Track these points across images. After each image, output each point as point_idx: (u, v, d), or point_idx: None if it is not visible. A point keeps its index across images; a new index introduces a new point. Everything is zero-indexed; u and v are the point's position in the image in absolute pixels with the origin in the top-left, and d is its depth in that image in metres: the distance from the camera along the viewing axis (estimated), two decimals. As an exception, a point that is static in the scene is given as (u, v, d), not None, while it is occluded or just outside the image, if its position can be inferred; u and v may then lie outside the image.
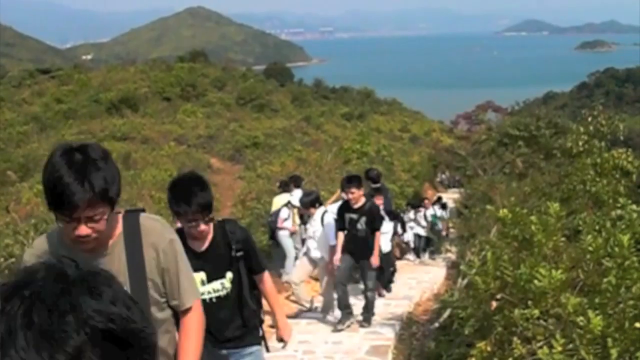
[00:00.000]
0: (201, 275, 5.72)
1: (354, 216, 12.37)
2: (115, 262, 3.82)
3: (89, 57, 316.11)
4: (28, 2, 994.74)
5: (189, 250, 5.01)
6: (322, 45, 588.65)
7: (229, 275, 5.93)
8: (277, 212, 17.79)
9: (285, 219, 17.62)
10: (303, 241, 16.04)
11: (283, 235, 17.76)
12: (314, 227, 13.70)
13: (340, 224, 12.57)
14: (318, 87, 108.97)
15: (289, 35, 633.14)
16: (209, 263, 5.80)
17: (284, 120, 65.44)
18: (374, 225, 12.49)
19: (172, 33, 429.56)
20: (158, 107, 63.81)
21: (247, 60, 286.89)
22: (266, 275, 6.28)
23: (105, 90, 66.24)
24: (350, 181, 12.39)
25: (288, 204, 17.72)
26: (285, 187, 18.94)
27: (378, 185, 16.86)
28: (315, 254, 13.57)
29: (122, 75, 77.93)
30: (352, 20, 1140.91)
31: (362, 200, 12.41)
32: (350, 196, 12.19)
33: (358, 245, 12.43)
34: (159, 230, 4.02)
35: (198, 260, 5.53)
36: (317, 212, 13.67)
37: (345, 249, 12.44)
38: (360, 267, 12.89)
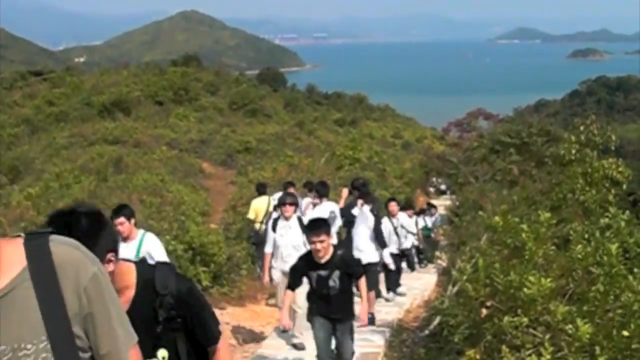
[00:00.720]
0: None
1: (323, 273, 9.15)
2: (18, 311, 2.58)
3: (82, 59, 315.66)
4: (21, 3, 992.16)
5: None
6: (315, 50, 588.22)
7: (161, 354, 4.03)
8: (269, 215, 17.67)
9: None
10: None
11: None
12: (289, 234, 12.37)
13: (295, 280, 9.49)
14: (311, 93, 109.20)
15: (282, 41, 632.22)
16: None
17: (277, 126, 65.40)
18: (355, 275, 9.36)
19: (166, 37, 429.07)
20: (150, 110, 63.67)
21: (241, 65, 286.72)
22: (221, 348, 4.34)
23: (98, 93, 66.07)
24: (319, 227, 9.11)
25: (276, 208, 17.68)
26: (262, 190, 18.95)
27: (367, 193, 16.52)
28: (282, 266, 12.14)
29: (115, 78, 77.81)
30: (346, 26, 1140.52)
31: (331, 250, 9.13)
32: (318, 246, 8.91)
33: (334, 307, 9.33)
34: (78, 261, 2.74)
35: None
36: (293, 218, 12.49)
37: (318, 313, 9.46)
38: (338, 332, 9.64)
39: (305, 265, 9.28)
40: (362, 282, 9.39)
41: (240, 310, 13.43)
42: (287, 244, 12.23)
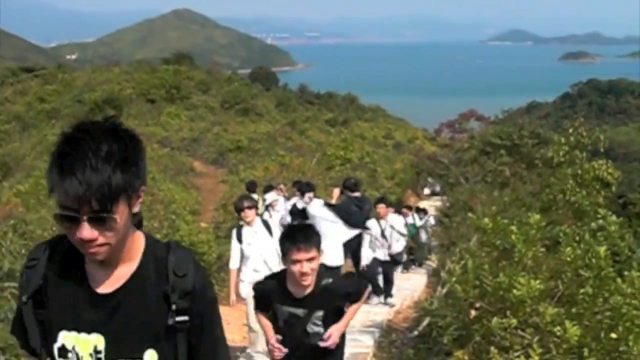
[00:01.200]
0: (92, 341, 2.76)
1: (299, 312, 5.94)
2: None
3: (74, 56, 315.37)
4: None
5: (85, 291, 2.79)
6: (308, 50, 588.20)
7: (148, 357, 2.81)
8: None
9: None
10: None
11: None
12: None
13: (260, 306, 6.19)
14: (303, 92, 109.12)
15: (275, 40, 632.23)
16: (114, 324, 2.78)
17: (268, 125, 65.37)
18: (343, 309, 6.16)
19: (158, 35, 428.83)
20: (142, 108, 63.56)
21: (233, 64, 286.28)
22: None
23: (89, 90, 65.94)
24: (308, 237, 5.72)
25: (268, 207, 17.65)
26: (252, 188, 18.91)
27: (357, 194, 15.90)
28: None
29: (107, 75, 77.67)
30: (339, 27, 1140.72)
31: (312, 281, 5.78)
32: (306, 268, 5.60)
33: (310, 356, 6.10)
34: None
35: (94, 311, 2.77)
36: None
37: None
38: None
39: (273, 292, 5.98)
40: (356, 306, 6.30)
41: (229, 309, 13.39)
42: (256, 253, 10.86)
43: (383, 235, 16.81)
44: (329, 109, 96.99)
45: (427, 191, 52.95)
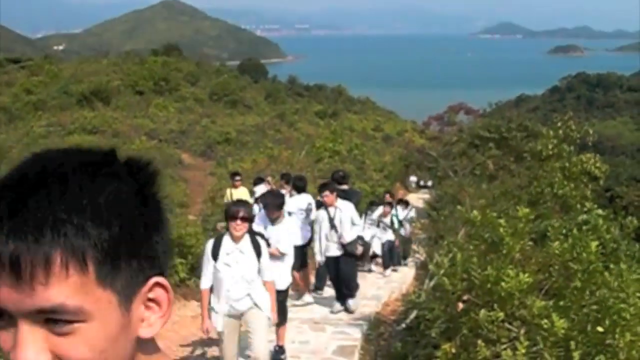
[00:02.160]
0: None
1: None
2: None
3: (61, 47, 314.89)
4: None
5: None
6: (297, 42, 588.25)
7: None
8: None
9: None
10: None
11: None
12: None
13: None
14: (292, 84, 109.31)
15: (264, 32, 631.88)
16: None
17: (257, 117, 65.39)
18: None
19: (146, 26, 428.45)
20: (130, 100, 63.46)
21: (222, 56, 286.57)
22: None
23: (77, 82, 65.80)
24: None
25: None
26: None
27: (345, 187, 15.15)
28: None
29: (94, 67, 77.64)
30: (329, 18, 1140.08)
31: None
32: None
33: None
34: None
35: None
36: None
37: None
38: None
39: None
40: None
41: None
42: (232, 279, 8.27)
43: (332, 225, 13.92)
44: (318, 101, 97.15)
45: (413, 178, 53.02)
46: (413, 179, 53.63)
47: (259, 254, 8.26)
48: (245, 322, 8.32)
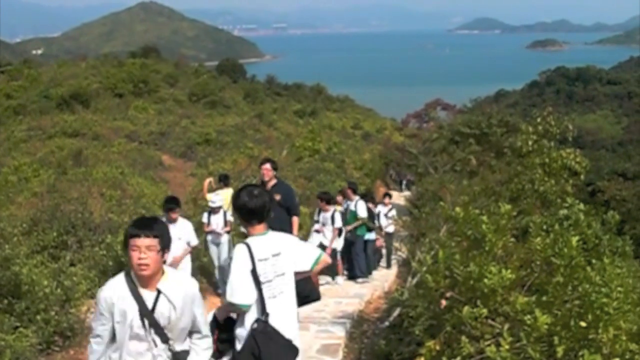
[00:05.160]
0: None
1: None
2: None
3: (39, 51, 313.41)
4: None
5: None
6: (275, 41, 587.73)
7: None
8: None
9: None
10: None
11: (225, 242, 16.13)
12: None
13: None
14: (270, 84, 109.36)
15: (242, 32, 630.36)
16: None
17: (236, 117, 65.39)
18: None
19: (124, 28, 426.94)
20: (109, 103, 63.38)
21: (200, 56, 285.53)
22: None
23: (56, 85, 65.68)
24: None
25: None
26: (226, 181, 18.61)
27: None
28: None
29: (73, 70, 77.48)
30: (305, 17, 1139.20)
31: None
32: None
33: None
34: None
35: None
36: None
37: None
38: None
39: None
40: None
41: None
42: None
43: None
44: (297, 100, 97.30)
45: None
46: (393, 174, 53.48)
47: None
48: None
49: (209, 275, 16.79)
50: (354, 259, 18.64)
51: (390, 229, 22.36)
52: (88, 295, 12.43)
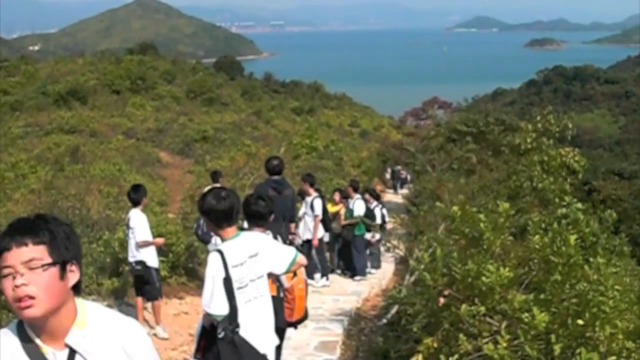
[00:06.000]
0: None
1: None
2: None
3: (36, 48, 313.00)
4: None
5: None
6: (272, 38, 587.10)
7: None
8: None
9: None
10: None
11: None
12: None
13: None
14: (268, 81, 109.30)
15: (239, 29, 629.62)
16: None
17: (234, 114, 65.38)
18: None
19: (121, 24, 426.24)
20: (107, 99, 63.34)
21: (197, 53, 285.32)
22: None
23: (53, 82, 65.60)
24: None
25: None
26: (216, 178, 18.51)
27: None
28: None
29: (70, 67, 77.40)
30: (303, 14, 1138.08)
31: None
32: None
33: None
34: None
35: None
36: None
37: None
38: None
39: None
40: None
41: (199, 299, 13.43)
42: None
43: None
44: (295, 97, 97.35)
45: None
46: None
47: None
48: None
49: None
50: (355, 258, 18.61)
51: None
52: (86, 292, 12.45)
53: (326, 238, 18.04)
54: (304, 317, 7.48)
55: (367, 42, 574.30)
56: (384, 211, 21.83)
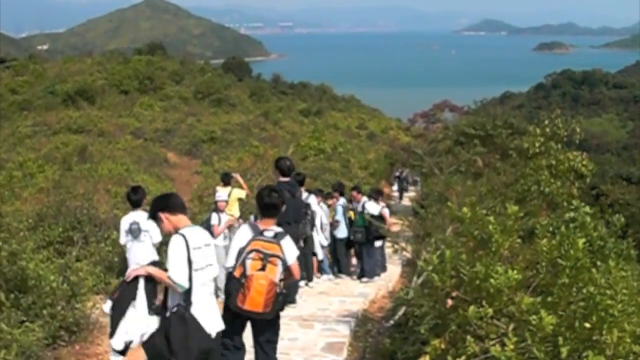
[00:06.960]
0: None
1: None
2: None
3: (45, 47, 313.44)
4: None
5: None
6: (281, 40, 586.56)
7: None
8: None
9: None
10: None
11: None
12: None
13: None
14: (276, 83, 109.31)
15: (248, 30, 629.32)
16: None
17: (242, 115, 65.39)
18: None
19: (130, 25, 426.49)
20: (115, 99, 63.44)
21: (206, 54, 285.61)
22: None
23: (61, 81, 65.77)
24: None
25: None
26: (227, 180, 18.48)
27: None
28: None
29: (79, 66, 77.58)
30: (312, 16, 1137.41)
31: None
32: None
33: None
34: None
35: None
36: None
37: None
38: None
39: None
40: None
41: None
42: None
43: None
44: (303, 99, 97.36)
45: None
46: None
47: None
48: None
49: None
50: (364, 260, 18.67)
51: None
52: (94, 291, 12.50)
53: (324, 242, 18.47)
54: (266, 314, 7.50)
55: (376, 45, 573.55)
56: (385, 210, 21.81)
